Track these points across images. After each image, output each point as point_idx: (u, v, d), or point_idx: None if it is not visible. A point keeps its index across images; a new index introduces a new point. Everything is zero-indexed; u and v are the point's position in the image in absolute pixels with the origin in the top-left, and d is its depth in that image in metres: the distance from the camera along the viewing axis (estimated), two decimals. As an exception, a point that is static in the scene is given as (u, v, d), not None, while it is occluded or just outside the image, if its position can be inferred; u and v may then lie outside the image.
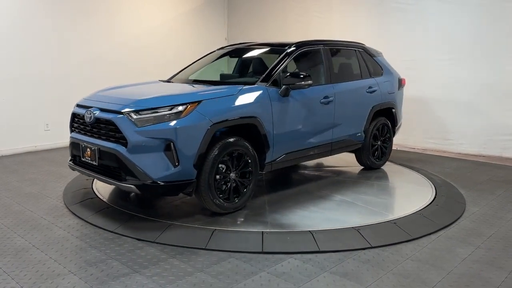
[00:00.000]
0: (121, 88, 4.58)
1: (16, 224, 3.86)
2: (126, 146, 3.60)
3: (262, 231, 3.58)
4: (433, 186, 5.03)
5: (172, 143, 3.58)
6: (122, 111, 3.68)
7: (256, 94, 4.17)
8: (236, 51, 5.60)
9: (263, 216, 4.02)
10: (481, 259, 3.21)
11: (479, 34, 6.71)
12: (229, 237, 3.52)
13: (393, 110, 5.85)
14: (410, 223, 3.84)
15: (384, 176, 5.52)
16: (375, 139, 5.67)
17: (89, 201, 4.38)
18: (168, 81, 5.28)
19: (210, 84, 4.49)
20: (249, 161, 4.07)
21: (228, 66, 6.38)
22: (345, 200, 4.47)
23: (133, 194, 4.60)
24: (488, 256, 3.26)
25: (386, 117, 5.79)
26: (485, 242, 3.53)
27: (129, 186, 3.67)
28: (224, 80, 5.14)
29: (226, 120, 3.88)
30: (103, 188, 4.81)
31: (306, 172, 5.78)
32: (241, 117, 4.00)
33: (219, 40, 10.48)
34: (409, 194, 4.77)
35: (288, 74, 4.36)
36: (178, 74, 5.50)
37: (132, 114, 3.64)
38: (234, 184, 4.00)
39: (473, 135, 6.93)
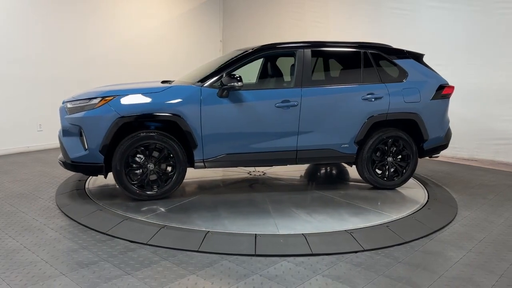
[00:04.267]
0: (105, 86, 4.95)
1: (7, 225, 3.83)
2: None
3: (255, 234, 3.58)
4: (425, 190, 5.07)
5: (81, 129, 4.21)
6: (65, 101, 4.47)
7: (182, 93, 4.35)
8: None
9: (161, 205, 4.27)
10: (472, 263, 3.23)
11: (473, 39, 6.79)
12: (222, 239, 3.51)
13: (417, 122, 4.89)
14: (403, 226, 3.86)
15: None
16: (383, 154, 4.91)
17: (82, 202, 4.36)
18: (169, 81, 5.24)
19: None
20: (171, 155, 4.32)
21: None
22: (266, 209, 4.25)
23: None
24: (479, 260, 3.29)
25: (406, 130, 4.94)
26: (476, 246, 3.56)
27: (60, 162, 4.49)
28: None
29: (137, 114, 4.20)
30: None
31: (297, 180, 5.79)
32: (156, 113, 4.24)
33: (214, 43, 10.52)
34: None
35: (223, 75, 4.38)
36: (186, 75, 5.45)
37: (68, 104, 4.40)
38: (153, 175, 4.35)
39: (466, 140, 6.99)
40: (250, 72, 5.84)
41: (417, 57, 5.14)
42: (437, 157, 5.33)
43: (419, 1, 7.31)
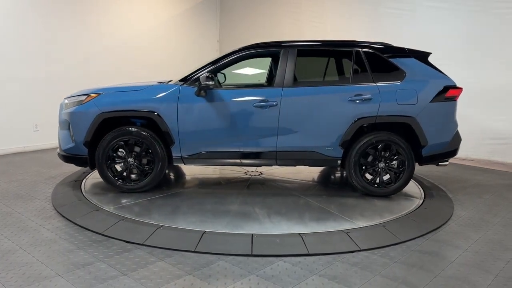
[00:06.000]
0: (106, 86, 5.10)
1: (3, 225, 3.82)
2: None
3: (252, 234, 3.58)
4: (421, 189, 5.08)
5: (69, 123, 4.59)
6: (65, 98, 4.82)
7: (161, 91, 4.54)
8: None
9: (133, 198, 4.52)
10: (468, 262, 3.24)
11: (471, 39, 6.81)
12: (219, 239, 3.51)
13: (412, 126, 4.53)
14: (399, 226, 3.86)
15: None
16: (375, 159, 4.62)
17: (78, 203, 4.35)
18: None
19: None
20: (150, 151, 4.56)
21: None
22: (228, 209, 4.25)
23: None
24: (475, 259, 3.30)
25: (402, 134, 4.61)
26: (472, 245, 3.57)
27: (57, 153, 4.89)
28: None
29: (116, 111, 4.49)
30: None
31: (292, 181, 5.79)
32: (135, 110, 4.50)
33: (212, 42, 10.51)
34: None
35: (200, 75, 4.47)
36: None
37: (65, 100, 4.77)
38: (134, 168, 4.63)
39: (462, 139, 6.99)
40: (261, 73, 5.85)
41: (421, 56, 4.74)
42: (445, 165, 4.86)
43: (418, 1, 7.32)
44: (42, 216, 4.07)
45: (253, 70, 6.04)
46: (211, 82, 4.33)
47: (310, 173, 5.88)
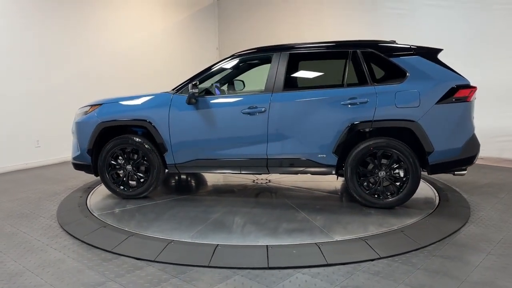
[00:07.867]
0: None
1: (8, 247, 3.69)
2: None
3: (267, 245, 3.45)
4: (435, 191, 4.96)
5: (76, 133, 4.89)
6: (78, 109, 5.09)
7: (154, 100, 4.66)
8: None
9: (123, 205, 4.64)
10: (493, 266, 3.12)
11: (473, 37, 6.73)
12: (233, 252, 3.38)
13: (414, 131, 4.10)
14: (417, 230, 3.74)
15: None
16: (375, 167, 4.26)
17: (85, 219, 4.22)
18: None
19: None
20: (145, 158, 4.68)
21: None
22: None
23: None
24: (500, 262, 3.17)
25: (406, 140, 4.19)
26: (495, 247, 3.45)
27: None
28: None
29: (114, 120, 4.70)
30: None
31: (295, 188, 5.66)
32: (130, 119, 4.67)
33: (210, 50, 10.45)
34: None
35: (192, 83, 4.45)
36: None
37: (77, 111, 5.05)
38: (133, 175, 4.79)
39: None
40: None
41: (428, 54, 4.32)
42: (462, 174, 4.34)
43: (418, 1, 7.26)
44: (48, 235, 3.95)
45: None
46: (195, 90, 4.36)
47: (323, 181, 5.51)
